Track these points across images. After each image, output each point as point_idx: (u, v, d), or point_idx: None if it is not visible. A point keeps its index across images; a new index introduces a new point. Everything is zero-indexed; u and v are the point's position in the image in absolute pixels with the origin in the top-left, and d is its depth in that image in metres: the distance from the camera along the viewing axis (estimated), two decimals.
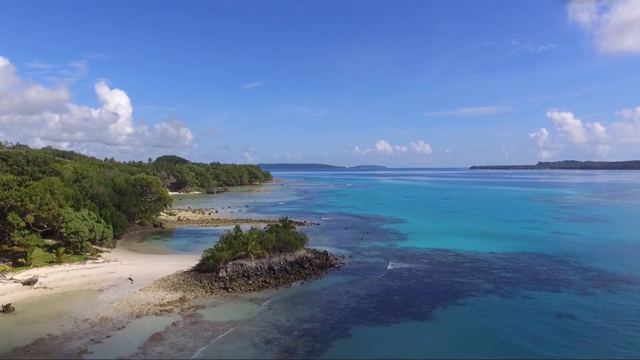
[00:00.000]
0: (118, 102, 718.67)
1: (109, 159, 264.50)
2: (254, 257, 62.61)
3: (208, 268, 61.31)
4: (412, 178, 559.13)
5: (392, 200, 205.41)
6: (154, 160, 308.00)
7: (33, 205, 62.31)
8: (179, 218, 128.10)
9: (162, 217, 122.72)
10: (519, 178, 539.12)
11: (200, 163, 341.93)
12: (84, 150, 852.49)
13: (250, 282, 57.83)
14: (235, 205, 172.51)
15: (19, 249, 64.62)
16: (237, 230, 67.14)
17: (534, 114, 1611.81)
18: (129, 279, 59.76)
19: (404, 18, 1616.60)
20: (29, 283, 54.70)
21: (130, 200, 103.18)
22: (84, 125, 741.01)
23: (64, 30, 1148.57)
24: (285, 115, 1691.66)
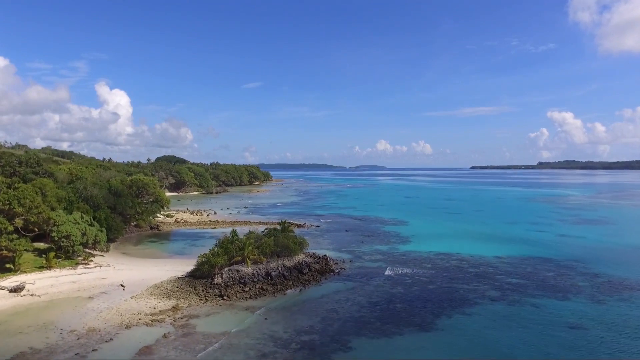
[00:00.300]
0: (118, 102, 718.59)
1: (107, 160, 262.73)
2: (251, 262, 60.39)
3: (203, 274, 59.13)
4: (412, 178, 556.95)
5: (392, 201, 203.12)
6: (153, 161, 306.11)
7: (22, 209, 60.08)
8: (177, 220, 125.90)
9: (159, 218, 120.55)
10: (520, 178, 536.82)
11: (200, 163, 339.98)
12: (84, 150, 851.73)
13: (247, 289, 55.57)
14: (234, 207, 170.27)
15: (8, 254, 62.36)
16: (233, 235, 64.91)
17: (535, 114, 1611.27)
18: (121, 286, 57.54)
19: (404, 18, 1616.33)
20: (16, 290, 52.44)
21: (126, 202, 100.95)
22: (84, 125, 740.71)
23: (64, 30, 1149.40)
24: (286, 115, 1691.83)
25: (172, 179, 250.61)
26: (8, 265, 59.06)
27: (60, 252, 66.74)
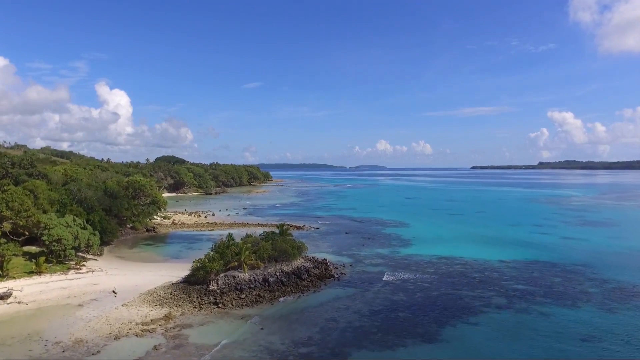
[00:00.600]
0: (118, 102, 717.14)
1: (106, 160, 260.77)
2: (248, 267, 58.29)
3: (198, 280, 57.02)
4: (412, 178, 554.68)
5: (393, 202, 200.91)
6: (152, 161, 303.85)
7: (10, 212, 57.94)
8: (174, 222, 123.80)
9: (156, 220, 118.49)
10: (521, 178, 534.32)
11: (199, 163, 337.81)
12: (84, 150, 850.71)
13: (243, 296, 53.46)
14: (233, 208, 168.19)
15: None
16: (229, 239, 62.77)
17: (535, 114, 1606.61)
18: (113, 292, 55.45)
19: (404, 18, 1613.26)
20: (2, 297, 50.33)
21: (122, 204, 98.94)
22: (84, 125, 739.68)
23: (65, 30, 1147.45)
24: (286, 115, 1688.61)
25: (171, 180, 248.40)
26: None
27: (52, 256, 64.72)
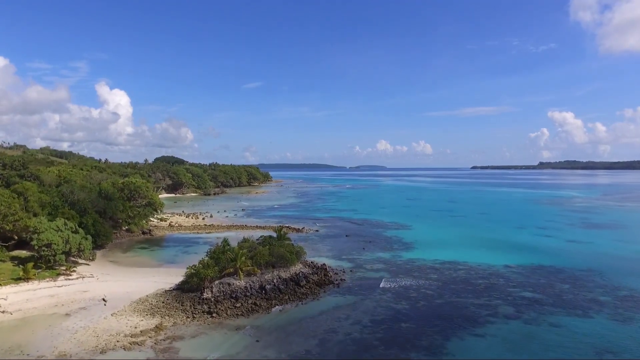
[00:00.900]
0: (118, 102, 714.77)
1: (103, 161, 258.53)
2: (244, 274, 55.94)
3: (192, 287, 54.62)
4: (413, 179, 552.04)
5: (394, 204, 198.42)
6: (151, 161, 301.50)
7: None
8: (170, 224, 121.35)
9: (152, 222, 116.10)
10: (522, 179, 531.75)
11: (198, 164, 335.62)
12: (84, 150, 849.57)
13: (238, 304, 51.06)
14: (231, 209, 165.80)
15: None
16: (225, 244, 60.37)
17: (535, 114, 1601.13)
18: (103, 300, 53.09)
19: (405, 18, 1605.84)
20: None
21: (117, 206, 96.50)
22: (84, 125, 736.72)
23: (65, 30, 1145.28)
24: (286, 116, 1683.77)
25: (169, 180, 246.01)
26: None
27: (41, 261, 62.38)
